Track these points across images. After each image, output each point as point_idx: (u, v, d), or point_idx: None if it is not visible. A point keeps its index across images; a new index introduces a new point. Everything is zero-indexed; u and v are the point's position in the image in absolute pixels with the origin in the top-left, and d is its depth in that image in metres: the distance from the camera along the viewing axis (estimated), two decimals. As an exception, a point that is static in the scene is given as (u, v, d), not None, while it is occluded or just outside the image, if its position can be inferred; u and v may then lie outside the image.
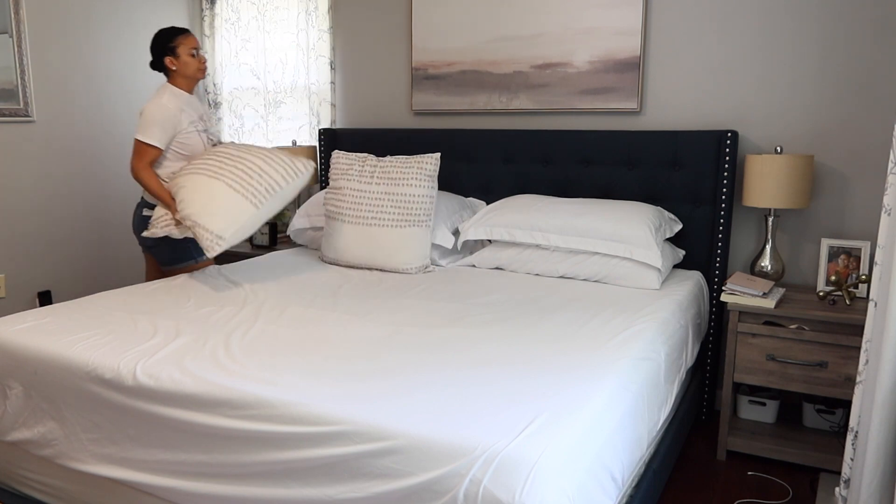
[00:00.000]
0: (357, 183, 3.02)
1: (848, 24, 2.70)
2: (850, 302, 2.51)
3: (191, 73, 2.86)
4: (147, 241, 2.91)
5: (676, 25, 2.98)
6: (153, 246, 2.90)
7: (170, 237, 2.78)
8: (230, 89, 4.09)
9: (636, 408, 1.78)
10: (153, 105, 2.78)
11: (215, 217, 2.54)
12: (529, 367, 1.77)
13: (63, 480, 1.98)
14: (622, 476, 1.64)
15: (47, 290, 3.52)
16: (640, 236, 2.63)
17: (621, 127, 3.14)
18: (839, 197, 2.79)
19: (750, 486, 2.48)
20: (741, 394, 2.80)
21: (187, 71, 2.85)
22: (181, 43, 2.83)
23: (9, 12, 3.24)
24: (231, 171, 2.65)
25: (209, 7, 4.07)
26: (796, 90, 2.81)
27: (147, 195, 2.88)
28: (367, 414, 1.50)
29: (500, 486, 1.31)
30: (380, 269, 2.94)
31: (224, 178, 2.62)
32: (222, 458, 1.64)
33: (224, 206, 2.56)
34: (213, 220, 2.54)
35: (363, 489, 1.46)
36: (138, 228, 2.91)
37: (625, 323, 2.18)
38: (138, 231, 2.92)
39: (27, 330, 2.07)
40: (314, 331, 2.06)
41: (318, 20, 3.77)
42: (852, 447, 1.83)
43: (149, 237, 2.80)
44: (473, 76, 3.40)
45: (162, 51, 2.83)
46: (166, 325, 2.09)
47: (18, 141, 3.34)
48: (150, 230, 2.70)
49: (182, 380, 1.72)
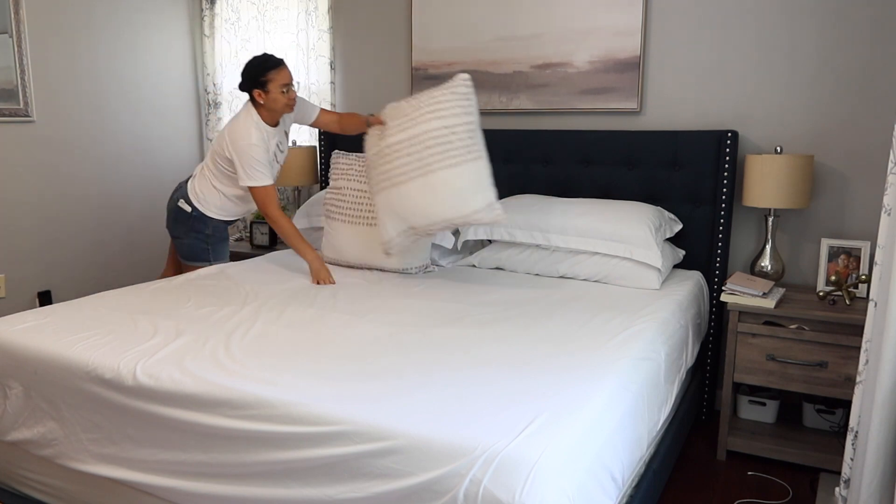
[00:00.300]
0: (357, 183, 3.02)
1: (848, 24, 2.70)
2: (850, 302, 2.51)
3: (278, 108, 2.79)
4: (173, 232, 3.02)
5: (676, 25, 2.98)
6: (178, 237, 3.00)
7: (197, 229, 2.92)
8: (230, 89, 4.09)
9: (636, 408, 1.78)
10: (245, 146, 2.74)
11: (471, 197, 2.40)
12: (529, 367, 1.77)
13: (63, 480, 1.98)
14: (622, 476, 1.64)
15: (47, 290, 3.52)
16: (640, 236, 2.63)
17: (621, 127, 3.14)
18: (839, 197, 2.79)
19: (750, 486, 2.48)
20: (741, 394, 2.80)
21: (274, 107, 2.78)
22: (273, 79, 2.73)
23: (9, 12, 3.24)
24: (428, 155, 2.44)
25: (209, 7, 4.07)
26: (796, 90, 2.81)
27: (192, 190, 2.95)
28: (367, 414, 1.50)
29: (500, 486, 1.31)
30: (380, 269, 2.94)
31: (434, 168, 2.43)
32: (222, 458, 1.64)
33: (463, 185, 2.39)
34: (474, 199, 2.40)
35: (363, 489, 1.46)
36: (171, 215, 3.00)
37: (625, 323, 2.18)
38: (170, 218, 3.02)
39: (27, 330, 2.07)
40: (314, 331, 2.06)
41: (318, 20, 3.77)
42: (852, 447, 1.83)
43: (175, 228, 2.95)
44: (473, 76, 3.40)
45: (252, 83, 2.75)
46: (166, 325, 2.09)
47: (18, 141, 3.34)
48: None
49: (182, 380, 1.72)
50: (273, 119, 2.84)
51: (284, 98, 2.76)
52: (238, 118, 2.82)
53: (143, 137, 3.92)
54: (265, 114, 2.81)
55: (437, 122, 2.44)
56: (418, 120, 2.48)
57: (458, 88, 2.49)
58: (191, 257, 3.01)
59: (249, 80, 2.76)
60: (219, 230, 3.02)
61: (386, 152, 2.56)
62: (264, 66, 2.73)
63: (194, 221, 2.96)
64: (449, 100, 2.47)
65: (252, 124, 2.77)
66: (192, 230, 2.97)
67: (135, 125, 3.87)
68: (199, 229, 2.97)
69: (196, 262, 3.00)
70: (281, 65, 2.76)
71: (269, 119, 2.83)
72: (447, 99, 2.47)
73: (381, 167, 2.59)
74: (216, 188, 2.92)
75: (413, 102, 2.56)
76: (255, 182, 2.77)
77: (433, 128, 2.44)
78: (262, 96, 2.75)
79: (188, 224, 2.97)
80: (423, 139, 2.45)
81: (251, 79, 2.75)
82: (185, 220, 2.97)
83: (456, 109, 2.45)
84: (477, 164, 2.43)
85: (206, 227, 2.97)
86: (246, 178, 2.77)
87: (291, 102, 2.80)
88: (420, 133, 2.46)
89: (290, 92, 2.78)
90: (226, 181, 2.90)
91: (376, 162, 2.63)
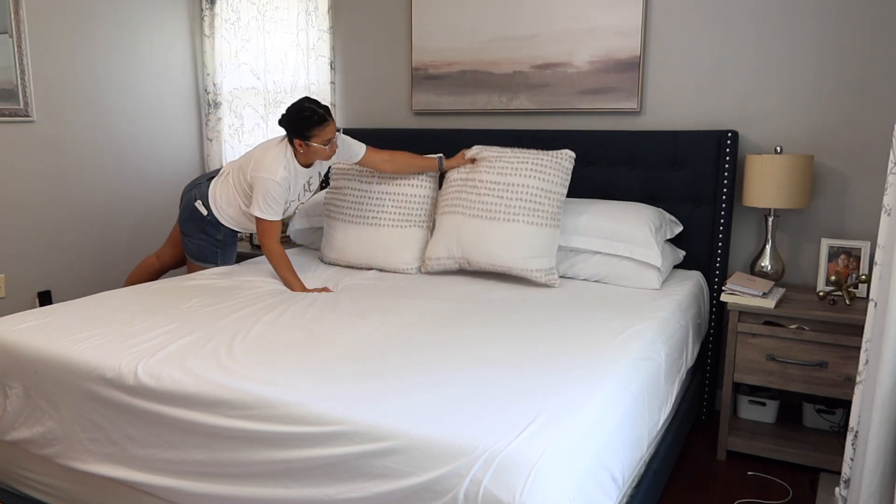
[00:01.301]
0: (357, 183, 3.03)
1: (848, 24, 2.70)
2: (850, 302, 2.51)
3: (316, 159, 2.73)
4: (184, 228, 2.99)
5: (676, 25, 2.98)
6: (188, 235, 2.98)
7: (208, 233, 2.89)
8: (230, 89, 4.09)
9: (636, 408, 1.78)
10: (267, 180, 2.65)
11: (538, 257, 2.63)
12: (529, 367, 1.77)
13: (63, 480, 1.98)
14: (622, 476, 1.64)
15: (47, 290, 3.52)
16: (641, 235, 2.63)
17: (621, 127, 3.14)
18: (839, 197, 2.79)
19: (750, 486, 2.48)
20: (741, 394, 2.80)
21: (314, 158, 2.71)
22: (316, 134, 2.62)
23: (9, 12, 3.24)
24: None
25: (209, 7, 4.07)
26: (796, 90, 2.81)
27: (212, 194, 2.91)
28: (367, 414, 1.50)
29: (500, 486, 1.31)
30: (380, 269, 2.94)
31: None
32: (222, 458, 1.64)
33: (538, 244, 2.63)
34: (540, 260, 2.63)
35: (363, 489, 1.46)
36: (185, 213, 2.98)
37: (625, 323, 2.18)
38: (183, 215, 2.99)
39: (27, 330, 2.07)
40: (314, 331, 2.06)
41: (318, 20, 3.77)
42: (852, 447, 1.83)
43: (186, 226, 2.92)
44: (473, 76, 3.40)
45: (295, 133, 2.64)
46: (167, 325, 2.09)
47: (18, 141, 3.34)
48: None
49: (183, 379, 1.72)
50: (308, 161, 2.76)
51: (325, 152, 2.68)
52: (271, 148, 2.72)
53: (143, 137, 3.92)
54: (301, 157, 2.72)
55: (537, 181, 2.69)
56: (520, 172, 2.71)
57: (563, 162, 2.74)
58: (199, 257, 2.99)
59: (292, 130, 2.65)
60: (229, 236, 3.00)
61: (476, 184, 2.77)
62: (310, 122, 2.60)
63: (207, 225, 2.94)
64: (552, 167, 2.72)
65: (283, 162, 2.67)
66: (203, 232, 2.95)
67: (135, 125, 3.87)
68: (211, 233, 2.95)
69: (204, 262, 2.99)
70: (326, 121, 2.62)
71: (303, 161, 2.74)
72: (550, 166, 2.72)
73: (463, 194, 2.79)
74: (235, 201, 2.88)
75: (518, 155, 2.78)
76: (262, 215, 2.69)
77: (532, 185, 2.68)
78: (303, 146, 2.66)
79: (200, 226, 2.95)
80: (518, 190, 2.69)
81: (294, 130, 2.64)
82: (199, 222, 2.94)
83: (555, 178, 2.71)
84: (554, 231, 2.67)
85: (218, 233, 2.96)
86: (256, 208, 2.71)
87: (332, 153, 2.72)
88: (518, 184, 2.69)
89: (332, 145, 2.69)
90: (245, 199, 2.85)
91: (462, 187, 2.82)
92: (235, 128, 4.12)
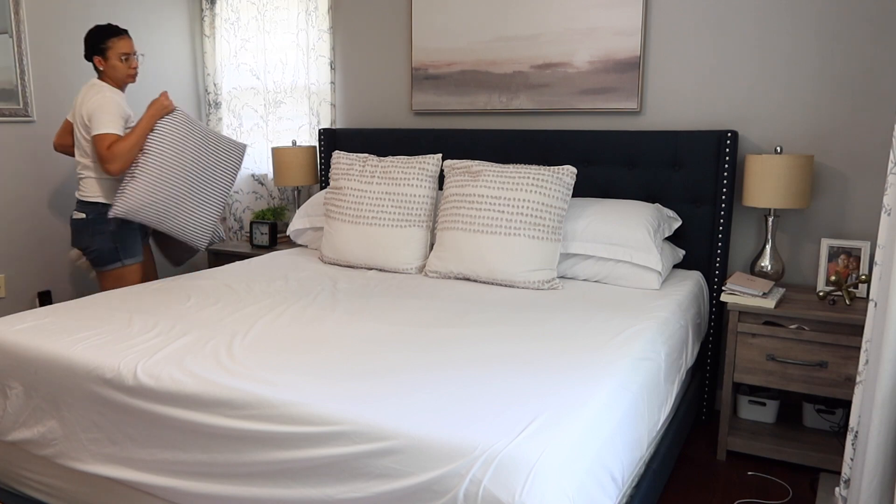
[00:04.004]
0: (357, 183, 3.03)
1: (848, 24, 2.70)
2: (850, 302, 2.51)
3: (119, 77, 2.86)
4: (80, 245, 2.94)
5: (676, 25, 2.98)
6: (86, 248, 2.92)
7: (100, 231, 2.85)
8: (229, 89, 4.09)
9: (636, 408, 1.78)
10: (99, 99, 2.76)
11: (539, 270, 2.65)
12: (529, 367, 1.77)
13: (63, 480, 1.98)
14: (622, 476, 1.64)
15: (47, 290, 3.52)
16: (639, 239, 2.63)
17: (621, 127, 3.14)
18: (839, 197, 2.79)
19: (750, 486, 2.48)
20: (741, 394, 2.80)
21: (115, 75, 2.85)
22: (111, 46, 2.81)
23: (9, 12, 3.24)
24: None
25: (209, 7, 4.07)
26: (796, 90, 2.81)
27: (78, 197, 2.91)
28: (367, 414, 1.50)
29: (500, 486, 1.31)
30: (380, 269, 2.94)
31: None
32: (222, 458, 1.64)
33: (538, 258, 2.65)
34: (541, 272, 2.65)
35: (363, 489, 1.46)
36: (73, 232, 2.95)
37: (625, 323, 2.18)
38: (73, 236, 2.96)
39: (27, 330, 2.07)
40: (314, 331, 2.06)
41: (318, 20, 3.77)
42: (852, 447, 1.83)
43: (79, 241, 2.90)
44: (473, 76, 3.40)
45: (91, 50, 2.83)
46: (167, 325, 2.10)
47: (18, 141, 3.34)
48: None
49: (183, 379, 1.72)
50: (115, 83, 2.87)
51: (124, 67, 2.84)
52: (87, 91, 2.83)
53: (143, 137, 3.92)
54: (109, 81, 2.85)
55: (538, 196, 2.67)
56: (520, 186, 2.71)
57: (564, 178, 2.72)
58: (102, 262, 2.92)
59: (90, 47, 2.82)
60: (122, 226, 2.92)
61: (476, 200, 2.76)
62: (103, 33, 2.81)
63: (92, 224, 2.89)
64: (553, 182, 2.70)
65: (105, 88, 2.81)
66: (95, 234, 2.89)
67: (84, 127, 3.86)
68: (101, 230, 2.89)
69: (108, 265, 2.92)
70: (122, 34, 2.83)
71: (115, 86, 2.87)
72: (551, 182, 2.70)
73: (463, 210, 2.77)
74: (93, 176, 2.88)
75: (520, 170, 2.77)
76: (104, 128, 2.73)
77: (533, 199, 2.67)
78: (102, 63, 2.82)
79: (89, 230, 2.89)
80: (518, 205, 2.67)
81: (92, 46, 2.82)
82: (84, 228, 2.90)
83: (556, 193, 2.69)
84: (555, 245, 2.67)
85: (108, 225, 2.89)
86: (97, 127, 2.73)
87: (133, 72, 2.87)
88: (519, 198, 2.68)
89: (132, 60, 2.85)
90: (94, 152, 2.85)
91: (461, 202, 2.80)
92: (235, 128, 4.12)
